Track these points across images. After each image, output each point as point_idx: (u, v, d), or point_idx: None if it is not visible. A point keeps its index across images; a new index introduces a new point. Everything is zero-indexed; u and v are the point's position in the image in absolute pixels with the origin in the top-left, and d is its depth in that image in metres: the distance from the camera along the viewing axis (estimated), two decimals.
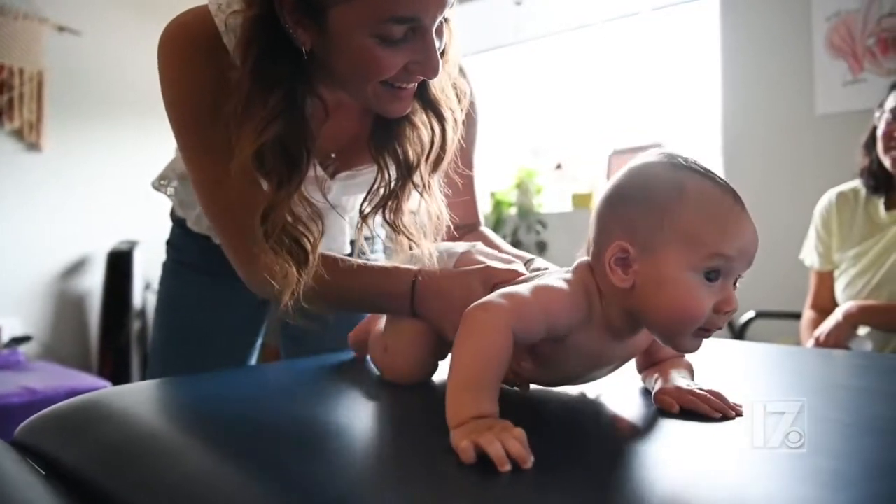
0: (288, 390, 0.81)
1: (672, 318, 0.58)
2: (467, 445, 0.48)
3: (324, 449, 0.55)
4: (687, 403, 0.61)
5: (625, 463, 0.51)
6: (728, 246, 0.57)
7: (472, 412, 0.52)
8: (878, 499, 0.44)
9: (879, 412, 0.67)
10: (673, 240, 0.58)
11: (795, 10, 2.59)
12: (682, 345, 0.60)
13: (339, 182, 0.92)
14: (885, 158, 1.63)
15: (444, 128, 0.82)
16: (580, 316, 0.62)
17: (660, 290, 0.58)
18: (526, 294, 0.60)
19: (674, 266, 0.57)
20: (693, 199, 0.58)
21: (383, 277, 0.79)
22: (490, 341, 0.56)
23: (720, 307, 0.58)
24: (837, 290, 1.75)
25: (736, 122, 2.73)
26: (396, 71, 0.72)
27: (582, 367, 0.67)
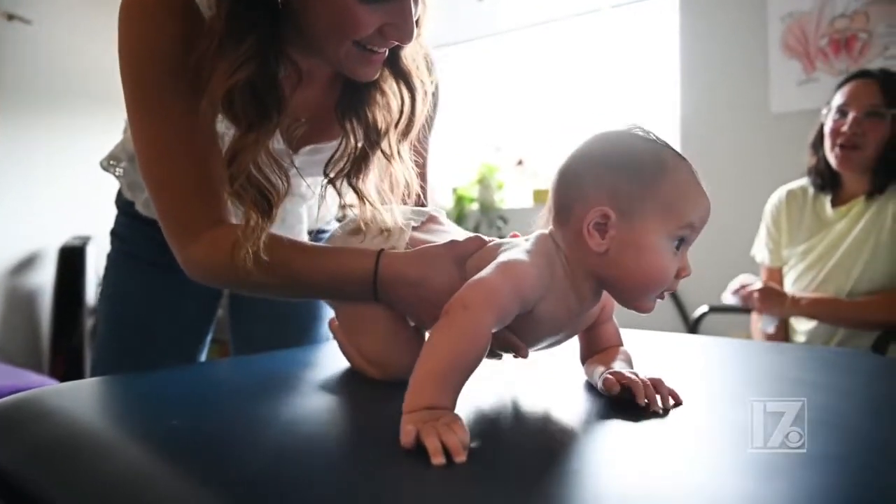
0: (233, 388, 0.79)
1: (644, 281, 0.62)
2: (409, 431, 0.49)
3: (261, 447, 0.54)
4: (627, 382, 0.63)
5: (560, 458, 0.52)
6: (696, 217, 0.62)
7: (428, 402, 0.52)
8: (810, 490, 0.45)
9: (819, 403, 0.68)
10: (654, 209, 0.61)
11: (752, 10, 2.64)
12: (644, 306, 0.64)
13: (302, 157, 0.90)
14: (830, 156, 1.68)
15: (414, 97, 0.82)
16: (545, 285, 0.63)
17: (636, 256, 0.61)
18: (499, 281, 0.60)
19: (652, 234, 0.61)
20: (672, 172, 0.62)
21: (342, 258, 0.75)
22: (468, 344, 0.56)
23: (679, 272, 0.63)
24: (786, 286, 1.79)
25: (694, 119, 2.78)
26: (371, 31, 0.71)
27: (545, 335, 0.68)
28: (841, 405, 0.67)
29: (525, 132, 3.51)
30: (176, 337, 1.06)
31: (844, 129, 1.63)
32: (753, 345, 1.27)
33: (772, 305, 1.69)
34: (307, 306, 1.11)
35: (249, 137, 0.72)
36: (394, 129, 0.82)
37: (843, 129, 1.63)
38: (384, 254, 0.73)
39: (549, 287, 0.63)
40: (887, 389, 0.81)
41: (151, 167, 0.79)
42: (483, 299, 0.58)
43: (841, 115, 1.66)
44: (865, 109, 1.62)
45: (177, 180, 0.78)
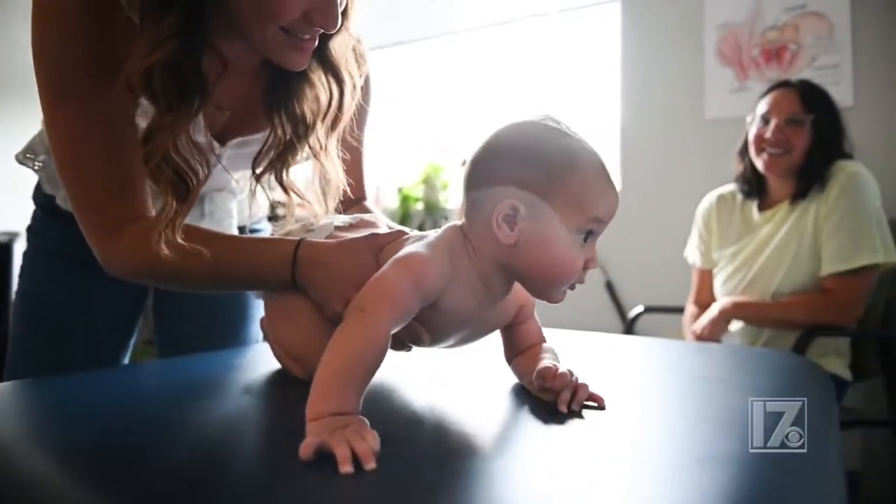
0: (152, 393, 0.78)
1: (551, 273, 0.63)
2: (311, 441, 0.48)
3: (172, 456, 0.53)
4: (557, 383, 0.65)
5: (471, 462, 0.52)
6: (604, 210, 0.63)
7: (332, 408, 0.52)
8: (696, 487, 0.46)
9: (727, 403, 0.71)
10: (562, 202, 0.61)
11: (689, 20, 2.71)
12: (553, 297, 0.65)
13: (230, 150, 0.88)
14: (756, 161, 1.74)
15: (343, 90, 0.81)
16: (446, 276, 0.63)
17: (544, 248, 0.62)
18: (395, 278, 0.60)
19: (560, 227, 0.61)
20: (581, 167, 0.62)
21: (262, 246, 0.77)
22: (366, 347, 0.56)
23: (587, 265, 0.64)
24: (716, 287, 1.85)
25: (633, 123, 2.83)
26: (296, 16, 0.70)
27: (454, 328, 0.68)
28: (745, 405, 0.69)
29: (470, 133, 3.53)
30: (97, 338, 1.02)
31: (767, 136, 1.70)
32: (681, 345, 1.31)
33: (719, 330, 1.75)
34: (236, 306, 1.09)
35: (167, 118, 0.70)
36: (321, 123, 0.81)
37: (767, 136, 1.70)
38: (304, 242, 0.75)
39: (453, 278, 0.63)
40: (795, 388, 0.84)
41: (65, 159, 0.77)
42: (379, 300, 0.58)
43: (764, 123, 1.72)
44: (786, 117, 1.69)
45: (93, 174, 0.75)
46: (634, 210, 2.76)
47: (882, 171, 2.11)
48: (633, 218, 2.76)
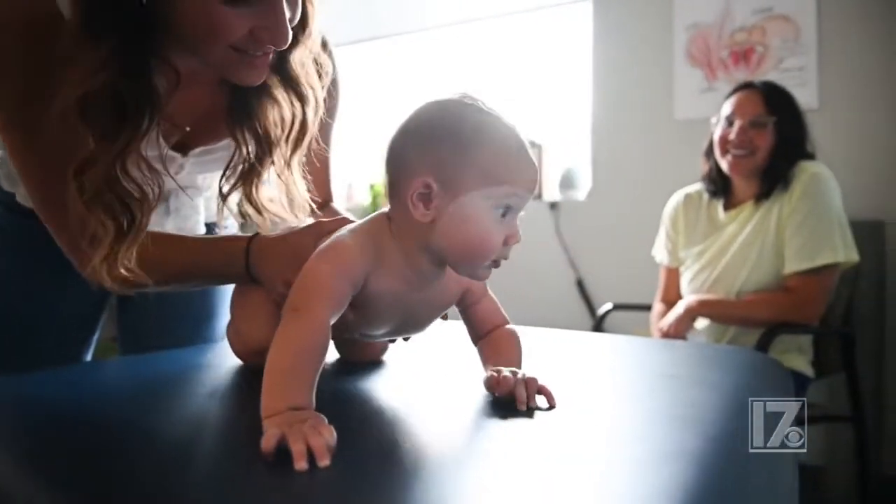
0: (114, 390, 0.77)
1: (470, 250, 0.62)
2: (272, 435, 0.48)
3: (124, 455, 0.53)
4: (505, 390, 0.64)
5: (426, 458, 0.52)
6: (521, 184, 0.62)
7: (287, 403, 0.52)
8: (658, 482, 0.47)
9: (690, 399, 0.72)
10: (474, 178, 0.61)
11: (660, 20, 2.74)
12: (476, 275, 0.64)
13: (194, 158, 0.88)
14: (722, 162, 1.77)
15: (304, 107, 0.81)
16: (370, 259, 0.63)
17: (460, 226, 0.61)
18: (320, 269, 0.61)
19: (474, 203, 0.61)
20: (492, 140, 0.62)
21: (217, 243, 0.80)
22: (308, 343, 0.57)
23: (508, 240, 0.62)
24: (682, 285, 1.88)
25: (604, 123, 2.86)
26: (242, 35, 0.69)
27: (389, 313, 0.68)
28: (707, 400, 0.71)
29: None
30: (59, 335, 1.01)
31: (732, 138, 1.73)
32: (647, 342, 1.32)
33: (684, 327, 1.77)
34: (200, 303, 1.08)
35: (103, 147, 0.68)
36: (284, 142, 0.81)
37: (731, 138, 1.73)
38: (256, 237, 0.77)
39: (378, 262, 0.64)
40: (755, 384, 0.86)
41: (27, 183, 0.79)
42: (310, 295, 0.59)
43: (728, 124, 1.75)
44: (750, 118, 1.72)
45: (53, 200, 0.75)
46: (605, 208, 2.79)
47: (846, 172, 2.16)
48: (603, 216, 2.79)
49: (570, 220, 2.86)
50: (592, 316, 2.75)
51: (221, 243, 0.81)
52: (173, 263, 0.79)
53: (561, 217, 2.88)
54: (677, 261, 1.92)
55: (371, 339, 0.74)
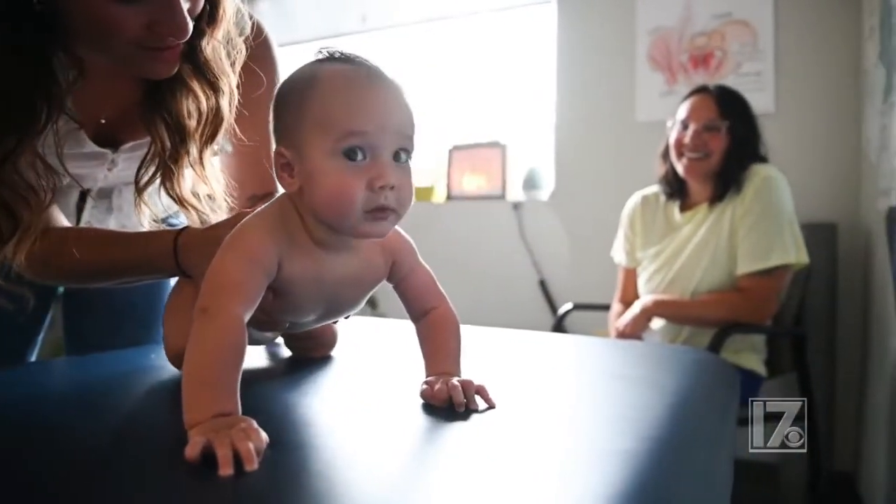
0: (53, 392, 0.75)
1: (332, 207, 0.59)
2: (196, 442, 0.47)
3: (53, 455, 0.51)
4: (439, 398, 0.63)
5: (359, 462, 0.52)
6: (360, 122, 0.58)
7: (212, 410, 0.50)
8: (589, 480, 0.48)
9: (633, 400, 0.73)
10: (310, 130, 0.59)
11: (622, 24, 2.77)
12: (358, 231, 0.60)
13: (125, 154, 0.86)
14: (677, 165, 1.80)
15: (218, 98, 0.79)
16: (280, 241, 0.61)
17: (314, 184, 0.59)
18: (228, 263, 0.59)
19: (317, 156, 0.59)
20: (322, 86, 0.59)
21: (145, 238, 0.78)
22: (223, 344, 0.54)
23: (373, 184, 0.58)
24: (640, 285, 1.90)
25: (567, 124, 2.88)
26: (138, 31, 0.67)
27: (312, 297, 0.66)
28: (649, 401, 0.71)
29: None
30: None
31: (686, 141, 1.76)
32: (601, 342, 1.34)
33: (640, 327, 1.79)
34: (147, 304, 1.06)
35: None
36: (198, 134, 0.79)
37: (686, 141, 1.76)
38: (184, 231, 0.76)
39: (290, 242, 0.62)
40: (701, 385, 0.87)
41: None
42: (218, 293, 0.57)
43: (683, 128, 1.78)
44: (704, 122, 1.75)
45: None
46: (567, 209, 2.81)
47: (801, 175, 2.21)
48: (566, 216, 2.80)
49: (533, 220, 2.88)
50: (555, 316, 2.77)
51: (150, 238, 0.79)
52: (100, 261, 0.77)
53: (524, 217, 2.89)
54: (635, 261, 1.94)
55: (304, 326, 0.72)
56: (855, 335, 2.26)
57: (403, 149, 0.60)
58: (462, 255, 2.92)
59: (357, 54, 0.61)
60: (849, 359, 2.27)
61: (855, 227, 2.26)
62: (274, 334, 0.81)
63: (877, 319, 1.97)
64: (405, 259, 0.70)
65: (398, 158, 0.60)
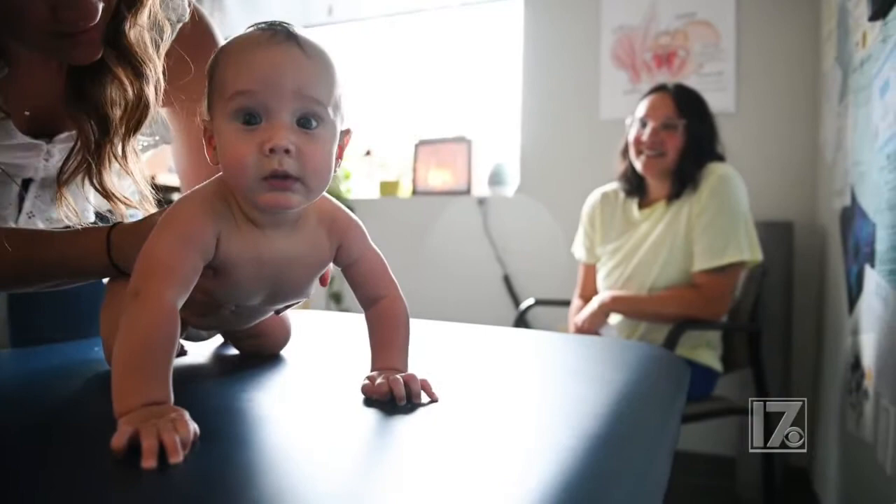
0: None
1: (227, 173, 0.58)
2: (123, 432, 0.45)
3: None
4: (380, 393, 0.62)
5: (290, 455, 0.51)
6: (246, 81, 0.56)
7: (142, 399, 0.49)
8: (518, 480, 0.48)
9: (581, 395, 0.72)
10: (214, 96, 0.58)
11: (588, 22, 2.78)
12: (259, 202, 0.57)
13: (61, 146, 0.83)
14: (636, 162, 1.82)
15: (143, 85, 0.75)
16: (216, 220, 0.59)
17: (220, 152, 0.58)
18: (162, 244, 0.57)
19: (219, 122, 0.58)
20: (223, 52, 0.59)
21: (75, 236, 0.74)
22: (153, 330, 0.52)
23: (263, 146, 0.55)
24: (599, 281, 1.92)
25: (533, 121, 2.89)
26: (42, 15, 0.63)
27: (260, 278, 0.64)
28: (596, 396, 0.72)
29: (374, 123, 3.50)
30: None
31: (644, 139, 1.77)
32: (557, 337, 1.34)
33: (598, 322, 1.80)
34: (90, 296, 1.04)
35: None
36: (124, 122, 0.76)
37: (644, 139, 1.78)
38: (116, 227, 0.74)
39: (227, 220, 0.60)
40: (650, 379, 0.88)
41: None
42: (150, 276, 0.55)
43: (642, 126, 1.80)
44: (662, 121, 1.77)
45: None
46: (532, 204, 2.82)
47: (759, 174, 2.25)
48: (530, 212, 2.82)
49: (498, 215, 2.89)
50: (516, 308, 2.78)
51: (79, 236, 0.75)
52: (27, 261, 0.73)
53: (489, 213, 2.90)
54: (594, 257, 1.96)
55: (250, 313, 0.70)
56: (809, 332, 2.31)
57: (311, 113, 0.57)
58: (427, 250, 2.92)
59: (286, 24, 0.58)
60: (803, 355, 2.32)
61: (811, 225, 2.31)
62: (211, 333, 0.79)
63: (830, 316, 2.01)
64: (353, 242, 0.67)
65: (306, 125, 0.57)
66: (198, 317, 0.69)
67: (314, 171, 0.57)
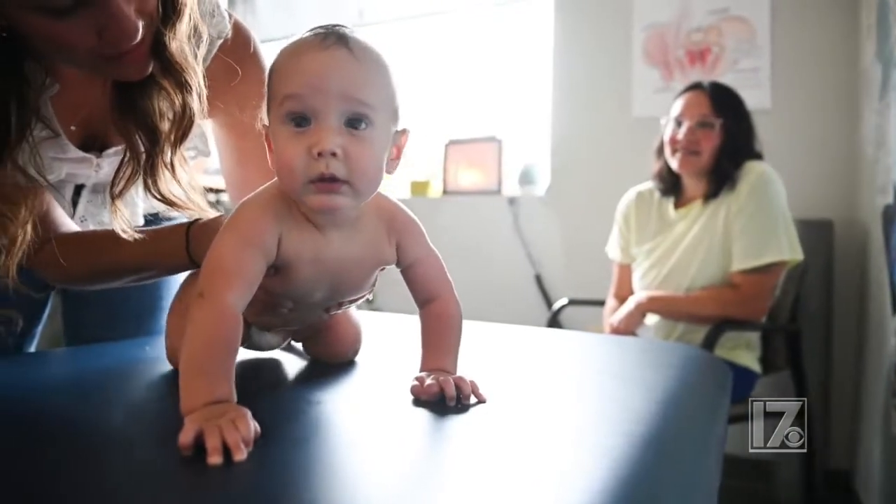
0: (49, 382, 0.75)
1: (279, 176, 0.59)
2: (189, 429, 0.47)
3: (48, 444, 0.51)
4: (429, 394, 0.63)
5: (345, 455, 0.52)
6: (294, 84, 0.57)
7: (206, 398, 0.51)
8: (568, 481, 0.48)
9: (622, 396, 0.72)
10: (269, 102, 0.60)
11: (619, 19, 2.76)
12: (307, 204, 0.58)
13: (110, 159, 0.85)
14: (671, 161, 1.80)
15: (186, 96, 0.77)
16: (277, 220, 0.61)
17: (273, 155, 0.59)
18: (226, 246, 0.58)
19: (272, 126, 0.59)
20: (278, 57, 0.59)
21: (154, 235, 0.77)
22: (217, 331, 0.55)
23: (311, 150, 0.56)
24: (634, 282, 1.90)
25: (563, 120, 2.87)
26: (90, 41, 0.65)
27: (321, 274, 0.64)
28: (638, 398, 0.71)
29: (405, 124, 3.51)
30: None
31: (680, 139, 1.76)
32: (593, 338, 1.34)
33: (634, 323, 1.79)
34: (142, 296, 1.06)
35: None
36: (172, 134, 0.77)
37: (679, 138, 1.76)
38: (195, 224, 0.76)
39: (288, 219, 0.61)
40: (691, 382, 0.87)
41: None
42: (214, 279, 0.57)
43: (677, 125, 1.78)
44: (697, 120, 1.75)
45: None
46: (563, 204, 2.81)
47: (797, 171, 2.21)
48: (561, 212, 2.81)
49: (529, 215, 2.88)
50: (550, 311, 2.77)
51: (159, 234, 0.79)
52: (110, 261, 0.77)
53: (520, 212, 2.89)
54: (629, 257, 1.95)
55: (310, 309, 0.71)
56: (850, 332, 2.27)
57: (359, 115, 0.57)
58: (458, 250, 2.92)
59: (342, 27, 0.59)
60: (844, 356, 2.28)
61: (851, 223, 2.27)
62: (278, 338, 0.80)
63: (873, 316, 1.97)
64: (412, 243, 0.68)
65: (355, 126, 0.57)
66: (258, 314, 0.70)
67: (362, 173, 0.58)
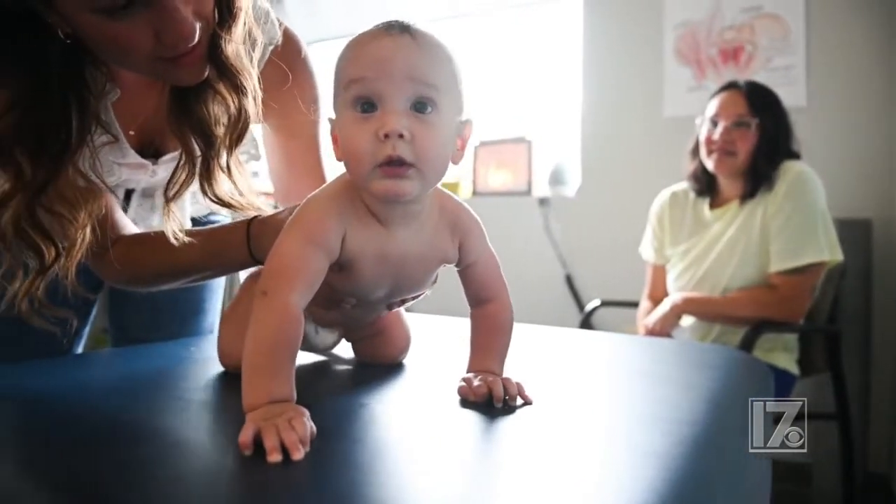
0: (100, 382, 0.78)
1: (347, 163, 0.59)
2: (248, 429, 0.49)
3: (106, 444, 0.53)
4: (478, 395, 0.64)
5: (400, 455, 0.53)
6: (360, 68, 0.57)
7: (265, 397, 0.52)
8: (621, 483, 0.48)
9: (664, 398, 0.72)
10: (335, 90, 0.60)
11: (649, 18, 2.74)
12: (373, 190, 0.58)
13: (165, 165, 0.87)
14: (707, 162, 1.78)
15: (242, 99, 0.78)
16: (342, 217, 0.61)
17: (341, 144, 0.59)
18: (290, 244, 0.59)
19: (339, 115, 0.59)
20: (344, 49, 0.60)
21: (214, 234, 0.79)
22: (278, 331, 0.56)
23: (378, 133, 0.56)
24: (669, 283, 1.89)
25: (594, 120, 2.86)
26: (148, 43, 0.66)
27: (383, 271, 0.65)
28: (680, 400, 0.71)
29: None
30: None
31: (715, 139, 1.74)
32: (628, 339, 1.33)
33: (670, 324, 1.77)
34: (188, 297, 1.08)
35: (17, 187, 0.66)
36: (227, 137, 0.78)
37: (715, 139, 1.74)
38: (255, 220, 0.76)
39: (351, 217, 0.61)
40: (732, 384, 0.86)
41: None
42: (277, 277, 0.58)
43: (713, 125, 1.76)
44: (733, 120, 1.72)
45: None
46: (594, 204, 2.80)
47: (834, 170, 2.18)
48: (592, 212, 2.79)
49: (560, 216, 2.87)
50: (581, 312, 2.76)
51: (219, 232, 0.80)
52: (173, 262, 0.78)
53: (550, 213, 2.89)
54: (664, 258, 1.93)
55: (372, 305, 0.71)
56: (890, 333, 2.22)
57: (425, 98, 0.57)
58: None
59: (410, 21, 0.60)
60: (884, 357, 2.24)
61: (890, 222, 2.22)
62: (334, 337, 0.81)
63: None
64: (473, 243, 0.68)
65: (421, 109, 0.57)
66: (321, 311, 0.71)
67: (429, 156, 0.57)
